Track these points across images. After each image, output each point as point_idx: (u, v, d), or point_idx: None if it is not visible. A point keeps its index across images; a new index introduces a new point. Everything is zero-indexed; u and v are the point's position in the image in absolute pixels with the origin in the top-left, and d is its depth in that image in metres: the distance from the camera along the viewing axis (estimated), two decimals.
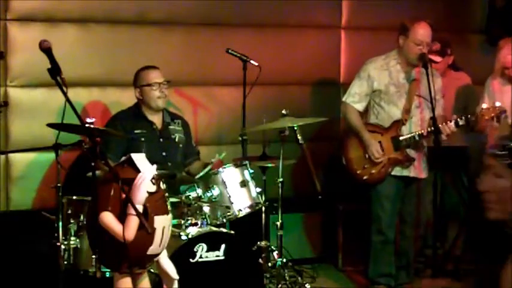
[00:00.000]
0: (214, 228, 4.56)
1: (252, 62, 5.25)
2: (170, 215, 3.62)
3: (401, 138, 5.23)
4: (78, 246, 4.35)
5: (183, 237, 4.35)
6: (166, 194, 3.62)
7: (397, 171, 5.29)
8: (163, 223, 3.51)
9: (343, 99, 5.38)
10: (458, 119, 5.11)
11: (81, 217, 4.34)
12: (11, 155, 5.41)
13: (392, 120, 5.25)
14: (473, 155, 6.22)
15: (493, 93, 5.45)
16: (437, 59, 5.89)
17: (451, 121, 5.10)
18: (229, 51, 5.30)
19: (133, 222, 3.39)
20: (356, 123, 5.31)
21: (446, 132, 5.10)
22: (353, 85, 5.35)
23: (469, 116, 5.12)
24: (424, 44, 5.14)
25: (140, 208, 3.40)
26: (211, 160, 4.77)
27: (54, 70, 3.46)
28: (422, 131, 5.17)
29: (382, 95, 5.26)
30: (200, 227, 4.50)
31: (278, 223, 5.03)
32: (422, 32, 5.16)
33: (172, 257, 3.82)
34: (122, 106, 5.14)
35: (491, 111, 5.06)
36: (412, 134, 5.21)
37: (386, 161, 5.25)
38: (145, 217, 3.40)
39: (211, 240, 4.40)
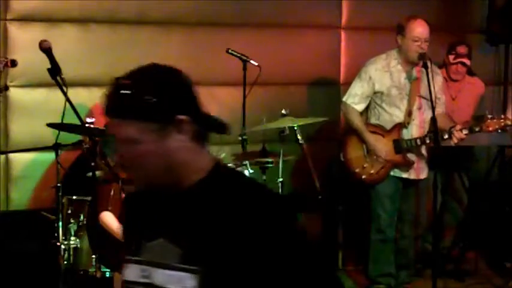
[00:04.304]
0: None
1: (252, 62, 5.24)
2: None
3: (402, 142, 5.21)
4: (78, 246, 4.35)
5: None
6: None
7: (396, 172, 5.27)
8: None
9: (344, 99, 5.35)
10: (463, 129, 5.05)
11: (81, 217, 4.33)
12: (11, 155, 5.40)
13: (394, 122, 5.22)
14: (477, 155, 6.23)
15: None
16: (468, 62, 5.87)
17: (461, 130, 5.05)
18: (229, 51, 5.30)
19: None
20: (358, 124, 5.28)
21: (457, 140, 5.06)
22: (354, 86, 5.31)
23: (473, 127, 5.08)
24: (422, 40, 5.09)
25: None
26: None
27: (54, 70, 3.47)
28: (426, 139, 5.15)
29: (384, 97, 5.22)
30: None
31: None
32: (418, 28, 5.11)
33: None
34: None
35: (495, 123, 5.00)
36: (414, 139, 5.19)
37: (386, 163, 5.24)
38: None
39: None
